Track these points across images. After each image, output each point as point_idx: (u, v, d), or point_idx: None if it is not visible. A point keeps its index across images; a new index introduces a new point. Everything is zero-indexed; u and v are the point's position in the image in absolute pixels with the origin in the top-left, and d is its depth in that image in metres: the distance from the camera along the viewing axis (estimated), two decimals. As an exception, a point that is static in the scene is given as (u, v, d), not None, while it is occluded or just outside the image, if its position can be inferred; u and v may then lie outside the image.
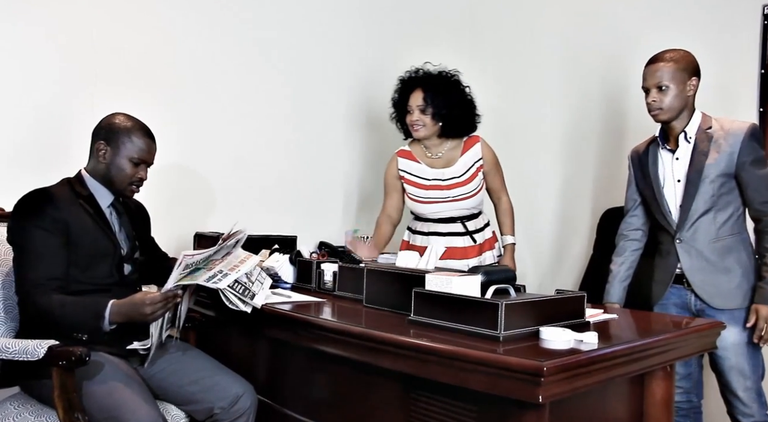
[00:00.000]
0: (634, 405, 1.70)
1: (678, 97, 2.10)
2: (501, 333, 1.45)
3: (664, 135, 2.21)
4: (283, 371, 2.02)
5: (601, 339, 1.46)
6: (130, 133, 1.95)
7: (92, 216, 1.92)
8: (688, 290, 2.15)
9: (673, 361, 1.73)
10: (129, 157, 1.95)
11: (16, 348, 1.69)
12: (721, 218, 2.11)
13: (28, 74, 2.41)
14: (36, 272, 1.78)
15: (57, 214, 1.84)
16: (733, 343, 2.06)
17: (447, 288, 1.61)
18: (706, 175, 2.09)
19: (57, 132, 2.45)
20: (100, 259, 1.91)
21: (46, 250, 1.80)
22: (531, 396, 1.27)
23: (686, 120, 2.15)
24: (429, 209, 2.73)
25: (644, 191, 2.27)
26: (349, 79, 3.35)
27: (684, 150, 2.15)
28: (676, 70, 2.09)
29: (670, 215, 2.17)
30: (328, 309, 1.96)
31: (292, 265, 2.36)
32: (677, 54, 2.11)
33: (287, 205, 3.14)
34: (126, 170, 1.95)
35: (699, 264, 2.12)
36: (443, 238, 2.71)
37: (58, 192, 1.90)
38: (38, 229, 1.81)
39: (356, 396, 1.76)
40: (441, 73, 2.74)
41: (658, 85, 2.10)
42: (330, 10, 3.27)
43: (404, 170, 2.78)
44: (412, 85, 2.73)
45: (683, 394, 2.19)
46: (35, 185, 1.90)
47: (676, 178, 2.17)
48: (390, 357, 1.52)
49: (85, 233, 1.88)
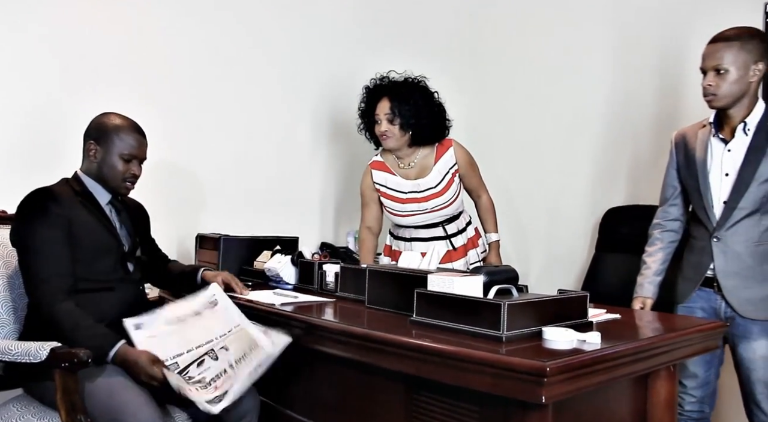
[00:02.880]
0: (638, 405, 1.69)
1: (738, 82, 1.91)
2: (503, 334, 1.45)
3: (718, 122, 2.02)
4: (286, 372, 2.02)
5: (604, 339, 1.46)
6: (118, 131, 1.97)
7: (93, 213, 1.94)
8: (718, 296, 1.99)
9: (677, 361, 1.72)
10: (119, 154, 1.96)
11: (19, 349, 1.69)
12: (767, 222, 1.95)
13: (21, 76, 2.41)
14: (45, 272, 1.79)
15: (59, 210, 1.85)
16: (762, 356, 1.93)
17: (449, 289, 1.60)
18: (761, 174, 1.92)
19: (53, 133, 2.45)
20: (104, 254, 1.92)
21: (52, 248, 1.81)
22: (534, 397, 1.27)
23: (747, 109, 1.95)
24: (408, 221, 2.69)
25: (687, 180, 2.08)
26: (352, 78, 3.35)
27: (739, 142, 1.97)
28: (740, 51, 1.89)
29: (711, 210, 2.00)
30: (330, 310, 1.96)
31: (294, 266, 2.36)
32: (743, 32, 1.92)
33: (289, 206, 3.15)
34: (118, 168, 1.96)
35: (734, 268, 1.96)
36: (425, 243, 2.67)
37: (59, 190, 1.92)
38: (43, 227, 1.82)
39: (359, 397, 1.76)
40: (407, 81, 2.65)
41: (716, 68, 1.92)
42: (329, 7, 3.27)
43: (379, 184, 2.70)
44: (378, 94, 2.64)
45: (696, 403, 2.07)
46: (31, 186, 1.90)
47: (725, 171, 1.98)
48: (392, 357, 1.52)
49: (87, 229, 1.89)
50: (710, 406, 2.11)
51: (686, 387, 2.07)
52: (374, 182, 2.71)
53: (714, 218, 2.00)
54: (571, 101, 3.25)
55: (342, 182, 3.38)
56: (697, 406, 2.08)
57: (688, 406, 2.08)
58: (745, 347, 1.97)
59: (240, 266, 2.55)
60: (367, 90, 2.72)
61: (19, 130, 2.41)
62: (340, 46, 3.32)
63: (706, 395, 2.08)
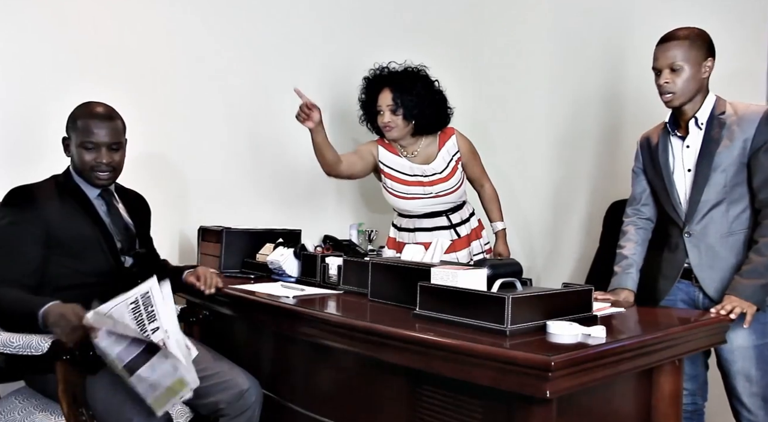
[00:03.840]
0: (642, 399, 1.68)
1: (693, 79, 1.95)
2: (507, 327, 1.44)
3: (674, 121, 2.07)
4: (289, 366, 2.02)
5: (608, 333, 1.45)
6: (76, 119, 1.91)
7: (78, 208, 1.91)
8: (695, 287, 2.02)
9: (682, 355, 1.71)
10: (80, 143, 1.89)
11: (20, 342, 1.68)
12: (735, 211, 1.97)
13: (7, 71, 2.37)
14: (1, 270, 1.76)
15: (34, 210, 1.83)
16: (739, 346, 1.93)
17: (453, 282, 1.59)
18: (718, 164, 1.95)
19: (39, 131, 2.39)
20: (90, 249, 1.89)
21: (15, 248, 1.79)
22: (538, 391, 1.26)
23: (698, 104, 2.00)
24: (411, 205, 2.67)
25: (653, 181, 2.14)
26: (353, 67, 3.32)
27: (694, 137, 2.01)
28: (691, 49, 1.94)
29: (679, 207, 2.04)
30: (333, 303, 1.95)
31: (296, 259, 2.35)
32: (692, 32, 1.96)
33: (291, 199, 3.13)
34: (83, 158, 1.90)
35: (708, 260, 1.99)
36: (429, 233, 2.66)
37: (39, 188, 1.90)
38: (12, 226, 1.80)
39: (362, 391, 1.75)
40: (408, 70, 2.64)
41: (671, 66, 1.95)
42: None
43: (384, 163, 2.70)
44: (379, 85, 2.63)
45: (688, 396, 2.05)
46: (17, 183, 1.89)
47: (687, 167, 2.03)
48: (395, 351, 1.51)
49: (68, 225, 1.87)
50: (703, 398, 2.12)
51: None
52: (379, 161, 2.71)
53: (682, 214, 2.03)
54: (574, 91, 3.22)
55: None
56: (690, 399, 2.08)
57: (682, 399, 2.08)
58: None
59: (242, 258, 2.55)
60: (368, 81, 2.71)
61: (4, 126, 2.36)
62: (341, 35, 3.30)
63: (697, 388, 2.09)
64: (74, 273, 1.85)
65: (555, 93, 3.27)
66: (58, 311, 1.62)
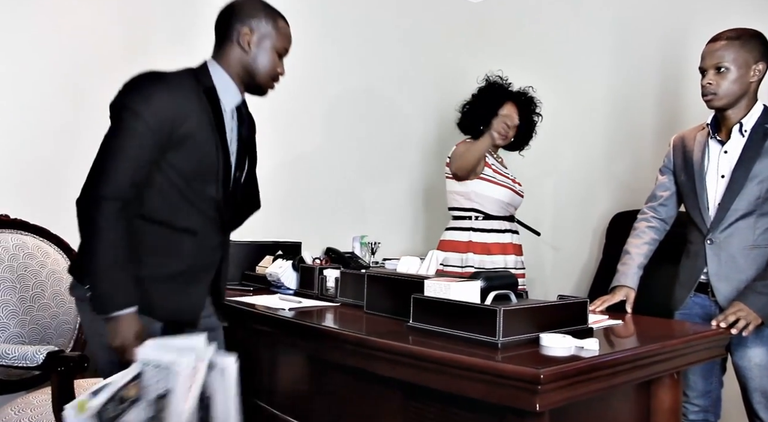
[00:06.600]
0: (640, 413, 1.66)
1: (738, 81, 1.88)
2: (499, 340, 1.42)
3: (716, 124, 1.99)
4: (282, 377, 2.01)
5: (603, 346, 1.43)
6: (276, 20, 1.70)
7: (209, 120, 1.60)
8: (712, 301, 1.95)
9: (680, 369, 1.69)
10: (275, 47, 1.70)
11: (16, 354, 1.70)
12: (763, 224, 1.90)
13: (23, 75, 2.40)
14: (115, 175, 1.48)
15: (167, 107, 1.53)
16: (758, 364, 1.88)
17: (445, 294, 1.58)
18: (756, 174, 1.87)
19: (54, 135, 2.44)
20: (205, 174, 1.62)
21: (134, 151, 1.50)
22: (528, 405, 1.24)
23: (744, 111, 1.92)
24: (499, 193, 2.75)
25: (683, 183, 2.05)
26: (352, 80, 3.35)
27: (735, 143, 1.93)
28: (740, 50, 1.86)
29: (706, 212, 1.96)
30: (329, 316, 1.95)
31: (294, 271, 2.35)
32: (745, 32, 1.88)
33: (295, 212, 3.14)
34: (274, 63, 1.71)
35: (727, 270, 1.91)
36: (501, 235, 2.76)
37: (178, 81, 1.60)
38: (139, 121, 1.50)
39: (355, 403, 1.74)
40: (530, 96, 2.84)
41: (716, 67, 1.88)
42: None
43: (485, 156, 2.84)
44: (504, 96, 2.78)
45: (700, 412, 2.02)
46: (32, 190, 1.89)
47: (721, 173, 1.95)
48: (387, 363, 1.50)
49: (196, 140, 1.57)
50: (715, 415, 2.06)
51: (688, 396, 2.03)
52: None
53: (708, 220, 1.96)
54: (577, 106, 3.22)
55: (349, 189, 3.37)
56: (702, 416, 2.03)
57: (692, 415, 2.04)
58: (741, 355, 1.93)
59: (242, 271, 2.55)
60: (492, 86, 2.82)
61: (20, 133, 2.39)
62: (344, 45, 3.32)
63: (710, 404, 2.04)
64: (179, 197, 1.59)
65: (560, 107, 3.26)
66: (134, 329, 1.47)
